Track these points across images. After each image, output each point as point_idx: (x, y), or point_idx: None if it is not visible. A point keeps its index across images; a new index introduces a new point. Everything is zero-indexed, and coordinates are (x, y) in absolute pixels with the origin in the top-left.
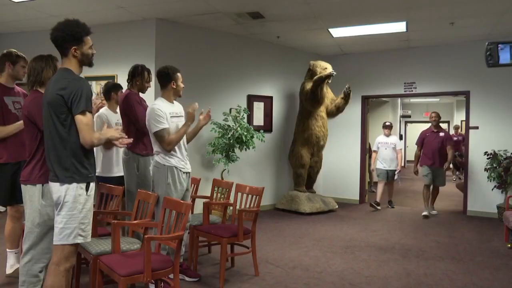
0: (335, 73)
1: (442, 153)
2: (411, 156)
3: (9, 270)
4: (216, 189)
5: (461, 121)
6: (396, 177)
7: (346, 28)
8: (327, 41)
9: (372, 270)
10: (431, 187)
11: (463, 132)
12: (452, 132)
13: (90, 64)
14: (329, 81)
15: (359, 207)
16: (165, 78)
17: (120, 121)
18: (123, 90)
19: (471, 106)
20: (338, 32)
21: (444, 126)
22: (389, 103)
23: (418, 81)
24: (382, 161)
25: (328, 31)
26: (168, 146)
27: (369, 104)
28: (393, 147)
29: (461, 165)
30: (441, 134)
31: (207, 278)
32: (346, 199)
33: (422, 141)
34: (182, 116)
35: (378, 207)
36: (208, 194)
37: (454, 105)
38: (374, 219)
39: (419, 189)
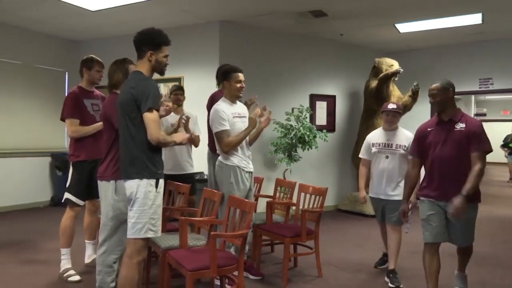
0: (402, 70)
1: (461, 170)
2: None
3: (87, 260)
4: (279, 188)
5: None
6: (409, 222)
7: (415, 23)
8: (393, 37)
9: (444, 277)
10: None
11: None
12: None
13: (161, 73)
14: (396, 79)
15: None
16: (221, 78)
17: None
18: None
19: None
20: (405, 27)
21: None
22: (461, 101)
23: (495, 76)
24: (376, 181)
25: (395, 26)
26: (225, 148)
27: None
28: (401, 153)
29: None
30: (460, 126)
31: (270, 277)
32: None
33: (419, 146)
34: (245, 117)
35: (394, 281)
36: (270, 193)
37: None
38: None
39: (498, 192)
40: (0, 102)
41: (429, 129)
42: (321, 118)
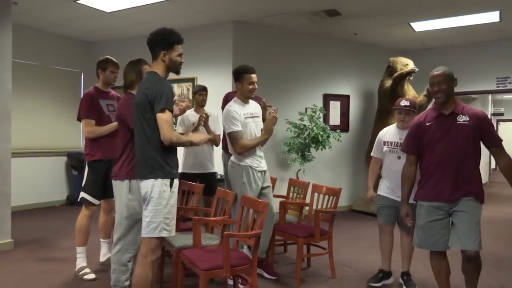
0: (417, 69)
1: (466, 166)
2: None
3: (102, 258)
4: (292, 188)
5: None
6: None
7: (430, 21)
8: (408, 35)
9: (460, 280)
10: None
11: None
12: None
13: (177, 72)
14: (411, 78)
15: None
16: (235, 78)
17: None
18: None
19: None
20: (420, 25)
21: None
22: (478, 100)
23: None
24: (388, 182)
25: (410, 25)
26: (240, 149)
27: None
28: None
29: None
30: (463, 119)
31: (283, 277)
32: None
33: (417, 143)
34: (257, 116)
35: (386, 281)
36: (284, 194)
37: None
38: None
39: None
40: (17, 102)
41: (428, 124)
42: (335, 118)
